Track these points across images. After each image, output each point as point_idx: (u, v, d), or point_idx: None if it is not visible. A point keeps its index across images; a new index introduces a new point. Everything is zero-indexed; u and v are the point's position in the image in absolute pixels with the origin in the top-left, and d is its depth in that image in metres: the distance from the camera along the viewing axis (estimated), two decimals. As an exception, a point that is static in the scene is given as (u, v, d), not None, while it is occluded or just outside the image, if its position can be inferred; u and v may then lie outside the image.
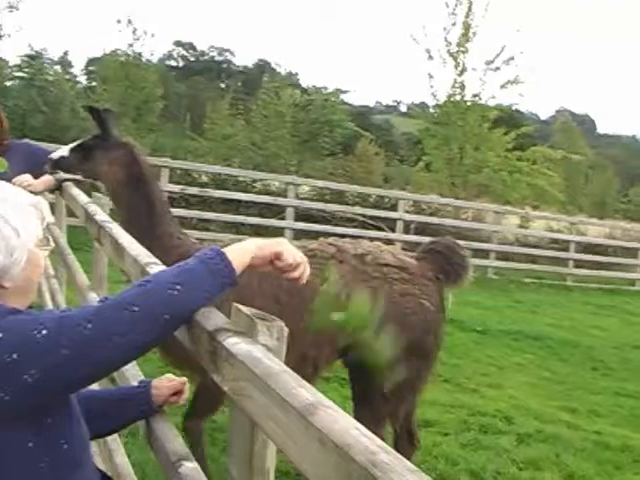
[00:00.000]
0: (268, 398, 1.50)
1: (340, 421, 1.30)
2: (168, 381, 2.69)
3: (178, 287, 1.89)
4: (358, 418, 4.01)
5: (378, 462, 1.15)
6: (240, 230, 16.59)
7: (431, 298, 4.52)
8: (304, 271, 2.20)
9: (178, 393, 2.69)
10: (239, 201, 17.38)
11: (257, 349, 1.68)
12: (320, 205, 17.91)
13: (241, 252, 2.06)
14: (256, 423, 1.65)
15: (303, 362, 4.29)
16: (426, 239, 6.60)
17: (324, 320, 2.40)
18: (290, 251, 2.14)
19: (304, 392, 1.44)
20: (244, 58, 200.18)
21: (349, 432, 1.25)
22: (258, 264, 2.11)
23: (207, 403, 4.58)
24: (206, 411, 4.72)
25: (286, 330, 1.80)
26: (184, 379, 2.73)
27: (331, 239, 4.69)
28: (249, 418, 1.71)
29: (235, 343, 1.73)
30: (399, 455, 1.19)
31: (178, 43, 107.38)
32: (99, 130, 4.92)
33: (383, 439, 4.49)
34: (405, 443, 4.90)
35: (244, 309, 1.85)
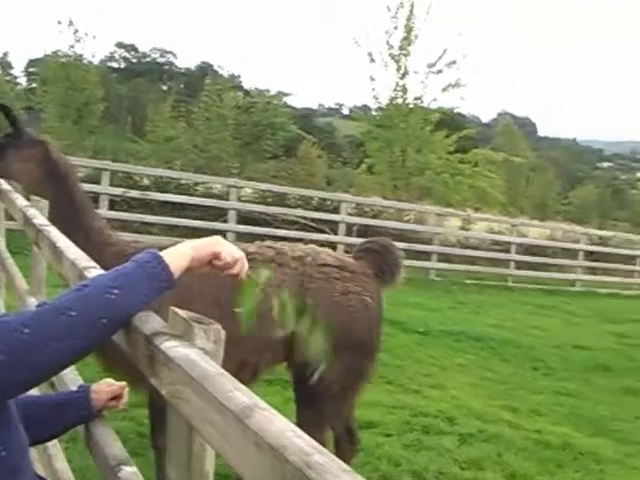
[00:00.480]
0: (205, 401, 1.50)
1: (276, 423, 1.30)
2: (107, 385, 2.68)
3: (115, 291, 1.88)
4: (301, 420, 4.06)
5: (312, 463, 1.15)
6: (182, 233, 16.50)
7: (372, 295, 4.57)
8: (242, 267, 2.20)
9: (117, 397, 2.67)
10: (181, 204, 17.25)
11: (194, 352, 1.67)
12: (262, 208, 17.87)
13: (179, 255, 2.05)
14: (193, 427, 1.64)
15: (243, 367, 4.28)
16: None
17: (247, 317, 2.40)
18: (228, 249, 2.15)
19: (240, 395, 1.44)
20: (186, 60, 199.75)
21: (284, 434, 1.25)
22: (197, 266, 2.11)
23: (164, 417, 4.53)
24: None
25: (223, 333, 1.80)
26: (123, 383, 2.72)
27: (268, 242, 4.69)
28: (187, 422, 1.70)
29: (172, 347, 1.72)
30: (333, 456, 1.19)
31: (120, 45, 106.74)
32: (11, 128, 4.84)
33: (326, 440, 4.52)
34: (346, 444, 4.93)
35: (181, 312, 1.84)
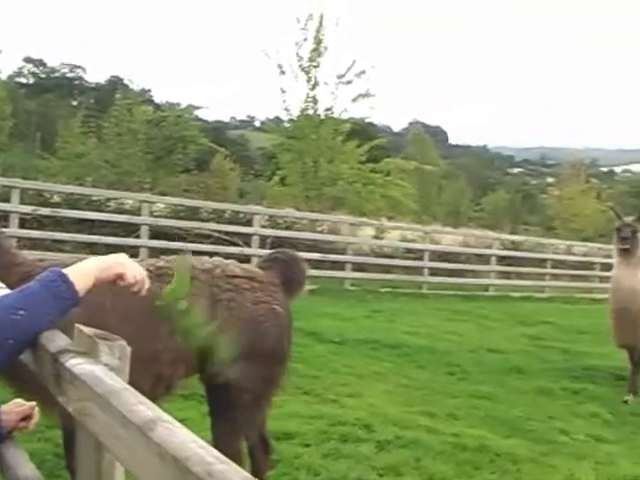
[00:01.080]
0: (110, 416, 1.50)
1: (179, 435, 1.31)
2: (17, 406, 2.65)
3: (21, 312, 1.87)
4: (217, 431, 4.06)
5: (214, 472, 1.16)
6: (94, 250, 16.31)
7: (281, 304, 4.61)
8: (143, 286, 2.21)
9: (27, 418, 2.64)
10: (93, 220, 17.06)
11: (99, 369, 1.67)
12: (175, 222, 17.76)
13: (83, 273, 2.05)
14: (101, 442, 1.64)
15: (159, 381, 4.27)
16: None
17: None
18: (131, 271, 2.15)
19: (144, 409, 1.45)
20: (96, 75, 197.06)
21: (187, 445, 1.26)
22: (101, 285, 2.11)
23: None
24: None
25: (128, 349, 1.80)
26: (33, 404, 2.69)
27: (173, 257, 4.69)
28: (94, 437, 1.70)
29: (77, 364, 1.72)
30: (235, 465, 1.21)
31: (28, 59, 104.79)
32: None
33: (241, 450, 4.54)
34: (261, 453, 4.94)
35: (86, 330, 1.84)
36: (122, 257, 2.21)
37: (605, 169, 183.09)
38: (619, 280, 10.18)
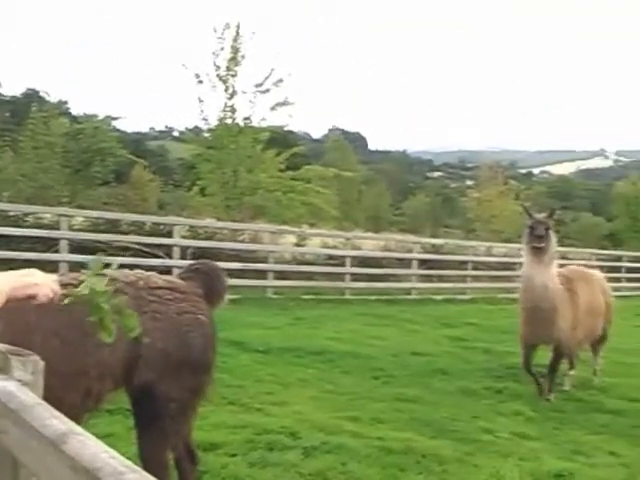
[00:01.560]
0: (23, 431, 1.49)
1: (90, 447, 1.31)
2: None
3: None
4: (143, 443, 4.05)
5: (126, 481, 1.17)
6: (13, 266, 16.00)
7: (206, 313, 4.62)
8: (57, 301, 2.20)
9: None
10: (10, 236, 16.77)
11: (11, 384, 1.66)
12: (94, 236, 17.52)
13: None
14: (16, 457, 1.63)
15: (88, 395, 4.24)
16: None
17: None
18: (43, 289, 2.13)
19: (57, 422, 1.44)
20: (11, 87, 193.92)
21: (99, 456, 1.26)
22: (24, 303, 2.09)
23: None
24: None
25: (42, 364, 1.79)
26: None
27: None
28: (10, 454, 1.69)
29: (-11, 381, 1.71)
30: (146, 473, 1.21)
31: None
32: None
33: (168, 460, 4.53)
34: (187, 464, 4.93)
35: (-1, 346, 1.82)
36: (33, 272, 2.19)
37: (524, 171, 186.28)
38: (531, 278, 10.15)
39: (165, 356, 4.32)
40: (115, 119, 30.66)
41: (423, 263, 24.07)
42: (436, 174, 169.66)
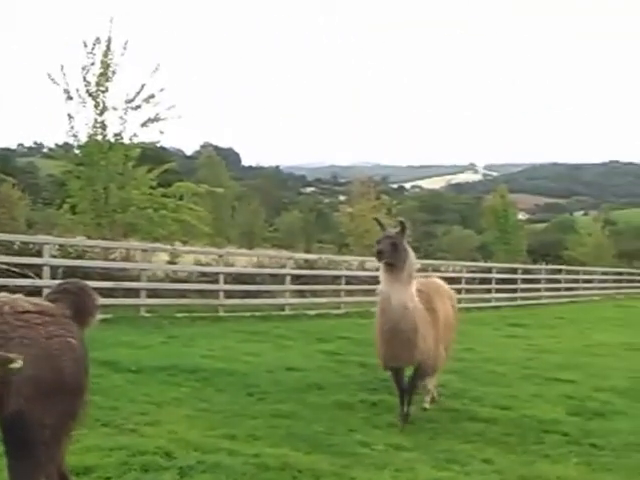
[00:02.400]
0: None
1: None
2: None
3: None
4: (14, 472, 3.94)
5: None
6: None
7: (76, 335, 4.52)
8: None
9: None
10: None
11: None
12: (-40, 257, 17.02)
13: None
14: None
15: None
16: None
17: None
18: None
19: None
20: None
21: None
22: None
23: None
24: None
25: None
26: None
27: None
28: None
29: None
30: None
31: None
32: None
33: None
34: None
35: None
36: None
37: (395, 185, 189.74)
38: (388, 297, 9.36)
39: (36, 382, 4.21)
40: (-19, 136, 29.87)
41: (297, 279, 24.22)
42: (309, 190, 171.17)
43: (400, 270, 9.22)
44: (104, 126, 23.82)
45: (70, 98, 23.60)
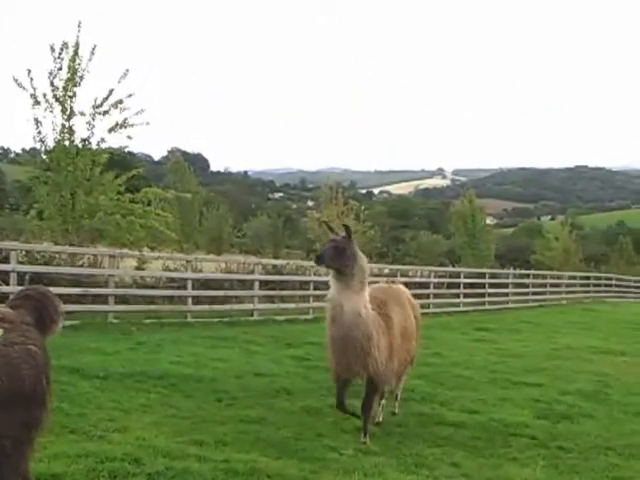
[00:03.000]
0: None
1: None
2: None
3: None
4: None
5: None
6: None
7: (36, 342, 4.48)
8: None
9: None
10: None
11: None
12: None
13: None
14: None
15: None
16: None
17: None
18: None
19: None
20: None
21: None
22: None
23: None
24: None
25: None
26: None
27: None
28: None
29: None
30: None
31: None
32: None
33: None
34: None
35: None
36: None
37: (364, 191, 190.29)
38: (340, 304, 8.89)
39: None
40: (-54, 141, 29.54)
41: (265, 284, 24.24)
42: (277, 195, 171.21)
43: (349, 277, 8.83)
44: (72, 131, 23.67)
45: (37, 103, 23.43)
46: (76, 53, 23.54)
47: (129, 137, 24.64)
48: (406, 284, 30.91)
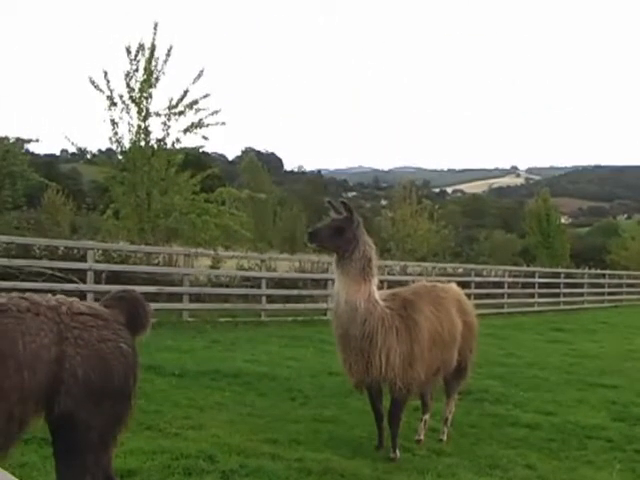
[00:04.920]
0: None
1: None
2: None
3: None
4: (61, 475, 3.97)
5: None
6: None
7: (127, 341, 4.57)
8: None
9: None
10: None
11: None
12: (6, 261, 17.20)
13: None
14: None
15: (10, 420, 4.17)
16: (118, 287, 6.60)
17: None
18: None
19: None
20: None
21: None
22: None
23: None
24: None
25: None
26: None
27: (14, 294, 4.60)
28: None
29: None
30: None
31: None
32: None
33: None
34: None
35: None
36: None
37: (437, 190, 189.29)
38: (338, 296, 8.00)
39: (86, 383, 4.27)
40: (27, 142, 29.91)
41: (338, 283, 24.19)
42: (351, 194, 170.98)
43: (348, 263, 7.84)
44: (147, 132, 23.92)
45: (114, 104, 23.73)
46: (152, 55, 23.80)
47: (205, 137, 24.78)
48: (480, 284, 30.64)
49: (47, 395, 4.21)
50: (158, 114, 23.98)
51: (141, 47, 23.80)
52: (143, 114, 23.84)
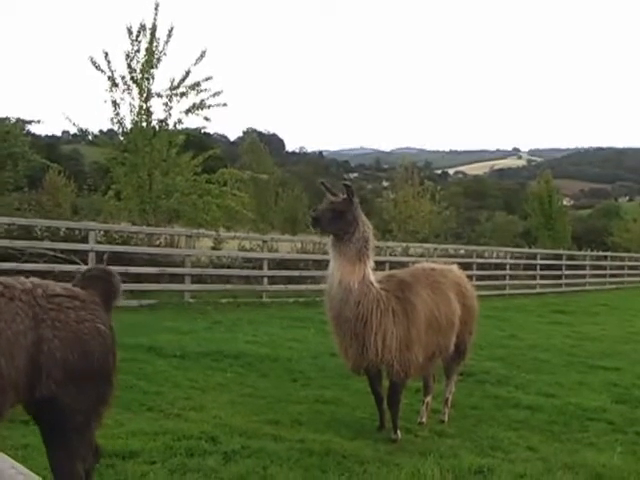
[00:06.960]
0: None
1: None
2: None
3: None
4: (52, 458, 3.97)
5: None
6: None
7: (105, 321, 4.55)
8: None
9: None
10: None
11: None
12: (7, 242, 17.17)
13: None
14: None
15: None
16: (120, 269, 6.59)
17: None
18: None
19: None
20: None
21: (6, 472, 1.26)
22: None
23: None
24: None
25: None
26: None
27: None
28: None
29: None
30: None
31: None
32: None
33: (80, 473, 4.43)
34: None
35: None
36: None
37: (439, 171, 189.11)
38: (331, 274, 7.90)
39: (66, 366, 4.24)
40: (28, 123, 29.82)
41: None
42: (352, 175, 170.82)
43: (346, 244, 7.75)
44: (149, 113, 23.88)
45: (115, 85, 23.68)
46: (153, 35, 23.73)
47: (207, 119, 24.72)
48: (482, 265, 30.60)
49: (27, 381, 4.18)
50: (160, 95, 23.95)
51: (142, 28, 23.74)
52: (144, 95, 23.80)
